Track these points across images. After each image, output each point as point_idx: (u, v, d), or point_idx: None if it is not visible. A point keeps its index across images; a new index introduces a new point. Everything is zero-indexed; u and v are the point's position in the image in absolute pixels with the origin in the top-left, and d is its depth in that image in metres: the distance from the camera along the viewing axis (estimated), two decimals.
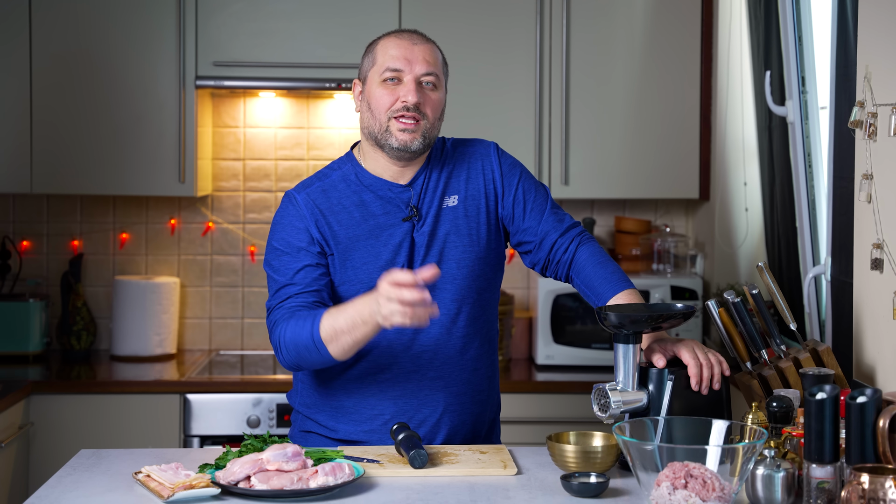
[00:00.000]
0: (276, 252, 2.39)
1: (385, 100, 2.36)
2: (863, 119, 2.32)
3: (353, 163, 2.46)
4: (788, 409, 2.16)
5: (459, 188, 2.45)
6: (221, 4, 3.79)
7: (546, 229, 2.47)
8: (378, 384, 2.41)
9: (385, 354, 2.40)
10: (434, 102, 2.38)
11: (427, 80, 2.37)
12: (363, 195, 2.41)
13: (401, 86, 2.36)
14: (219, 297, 4.14)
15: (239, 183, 4.13)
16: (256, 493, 2.01)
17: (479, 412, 2.50)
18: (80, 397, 3.56)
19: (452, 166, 2.46)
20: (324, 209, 2.39)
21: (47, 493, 2.06)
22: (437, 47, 2.44)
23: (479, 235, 2.44)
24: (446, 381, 2.43)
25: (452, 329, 2.42)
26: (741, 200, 3.72)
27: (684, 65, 3.88)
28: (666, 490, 1.86)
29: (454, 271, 2.41)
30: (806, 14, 3.17)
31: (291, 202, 2.41)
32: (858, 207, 2.40)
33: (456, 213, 2.43)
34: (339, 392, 2.43)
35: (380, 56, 2.40)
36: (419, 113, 2.35)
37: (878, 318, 2.30)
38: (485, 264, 2.45)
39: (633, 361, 2.25)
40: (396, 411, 2.41)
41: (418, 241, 2.40)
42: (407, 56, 2.36)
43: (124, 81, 3.77)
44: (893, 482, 1.78)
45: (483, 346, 2.48)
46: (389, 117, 2.36)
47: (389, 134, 2.36)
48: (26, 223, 4.08)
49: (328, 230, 2.38)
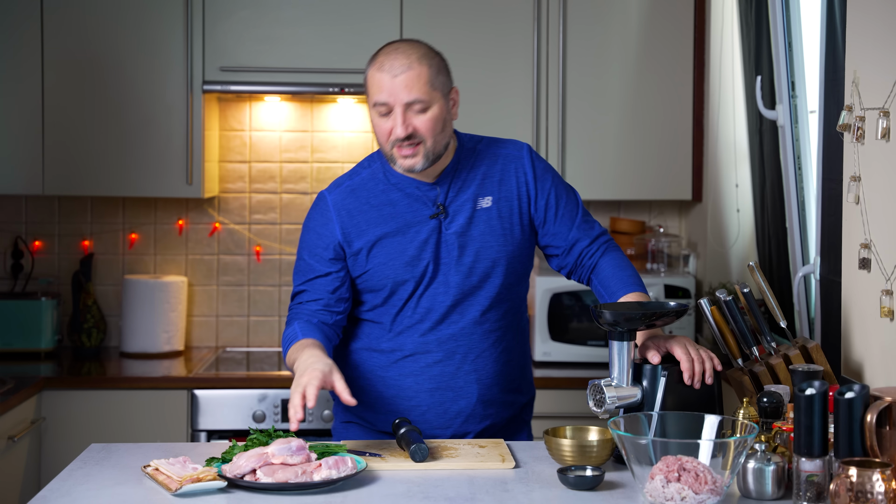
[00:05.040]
0: (301, 251, 2.51)
1: (382, 130, 2.38)
2: (851, 123, 2.32)
3: (381, 161, 2.49)
4: (779, 404, 2.16)
5: (493, 189, 2.47)
6: (228, 11, 3.80)
7: (576, 236, 2.52)
8: (414, 377, 2.46)
9: (420, 349, 2.45)
10: (428, 123, 2.36)
11: (415, 109, 2.35)
12: (391, 193, 2.46)
13: (391, 117, 2.36)
14: (225, 296, 4.17)
15: (245, 185, 4.16)
16: (262, 486, 2.02)
17: (512, 402, 2.53)
18: (90, 393, 3.57)
19: (485, 167, 2.48)
20: (351, 209, 2.45)
21: (59, 486, 2.07)
22: (426, 62, 2.36)
23: (514, 235, 2.48)
24: (480, 373, 2.47)
25: (485, 324, 2.46)
26: (733, 202, 3.72)
27: (678, 70, 3.88)
28: (660, 483, 1.88)
29: (489, 270, 2.45)
30: (795, 20, 3.16)
31: (321, 202, 2.49)
32: (847, 208, 2.40)
33: (490, 215, 2.46)
34: (378, 384, 2.48)
35: (369, 87, 2.39)
36: (414, 139, 2.36)
37: (865, 316, 2.31)
38: (517, 262, 2.49)
39: (627, 358, 2.27)
40: (432, 403, 2.46)
41: (450, 239, 2.44)
42: (389, 89, 2.33)
43: (133, 86, 3.78)
44: (881, 475, 1.79)
45: (515, 338, 2.52)
46: (391, 146, 2.38)
47: (394, 160, 2.40)
48: (38, 224, 4.09)
49: (354, 228, 2.44)
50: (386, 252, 2.44)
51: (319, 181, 4.17)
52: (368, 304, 2.49)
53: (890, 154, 2.19)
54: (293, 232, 4.19)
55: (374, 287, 2.46)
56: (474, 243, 2.45)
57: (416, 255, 2.43)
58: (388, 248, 2.44)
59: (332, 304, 2.45)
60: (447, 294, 2.44)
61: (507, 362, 2.51)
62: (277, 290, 4.19)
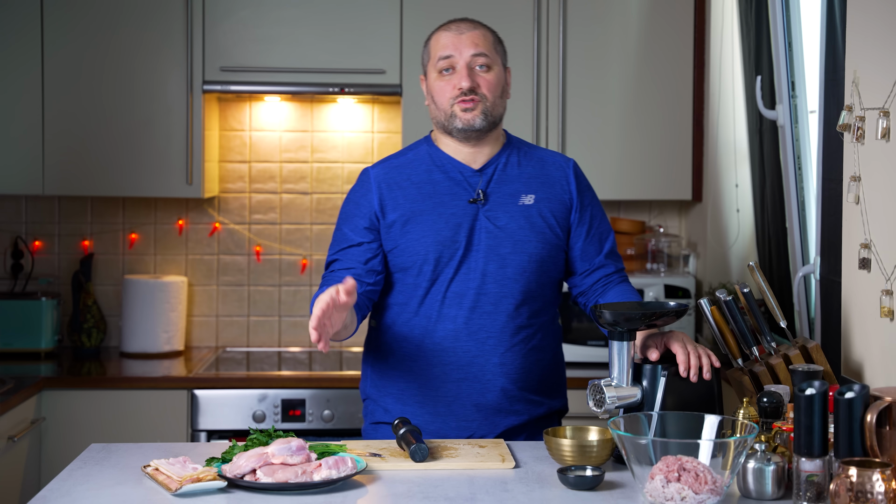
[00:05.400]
0: (339, 222, 2.54)
1: (445, 89, 2.47)
2: (851, 122, 2.32)
3: (429, 144, 2.55)
4: (779, 404, 2.17)
5: (536, 189, 2.51)
6: (228, 11, 3.80)
7: (602, 263, 2.56)
8: (442, 367, 2.47)
9: (450, 338, 2.46)
10: (489, 82, 2.47)
11: (479, 63, 2.46)
12: (433, 174, 2.50)
13: (455, 74, 2.45)
14: (225, 296, 4.17)
15: (245, 185, 4.16)
16: (262, 486, 2.02)
17: (541, 403, 2.54)
18: (90, 393, 3.57)
19: (531, 168, 2.53)
20: (391, 183, 2.50)
21: (59, 486, 2.07)
22: (490, 30, 2.52)
23: (553, 235, 2.51)
24: (507, 367, 2.48)
25: (517, 319, 2.48)
26: (733, 202, 3.73)
27: (677, 70, 3.89)
28: (660, 483, 1.88)
29: (526, 264, 2.47)
30: (795, 20, 3.16)
31: (364, 176, 2.54)
32: (846, 208, 2.40)
33: (531, 212, 2.49)
34: (407, 375, 2.49)
35: (432, 49, 2.50)
36: (476, 94, 2.45)
37: (865, 315, 2.31)
38: (552, 264, 2.51)
39: (627, 358, 2.28)
40: (459, 393, 2.47)
41: (487, 227, 2.46)
42: (455, 43, 2.46)
43: (134, 86, 3.79)
44: (881, 475, 1.80)
45: (546, 338, 2.54)
46: (451, 104, 2.45)
47: (454, 117, 2.46)
48: (38, 224, 4.09)
49: (391, 201, 2.48)
50: (420, 228, 2.46)
51: (319, 181, 4.18)
52: (400, 285, 2.50)
53: (890, 154, 2.20)
54: (293, 232, 4.19)
55: (404, 264, 2.48)
56: (512, 236, 2.48)
57: (451, 236, 2.46)
58: (422, 225, 2.46)
59: (363, 275, 2.46)
60: (479, 281, 2.46)
61: (536, 361, 2.52)
62: (277, 290, 4.19)
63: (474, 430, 2.49)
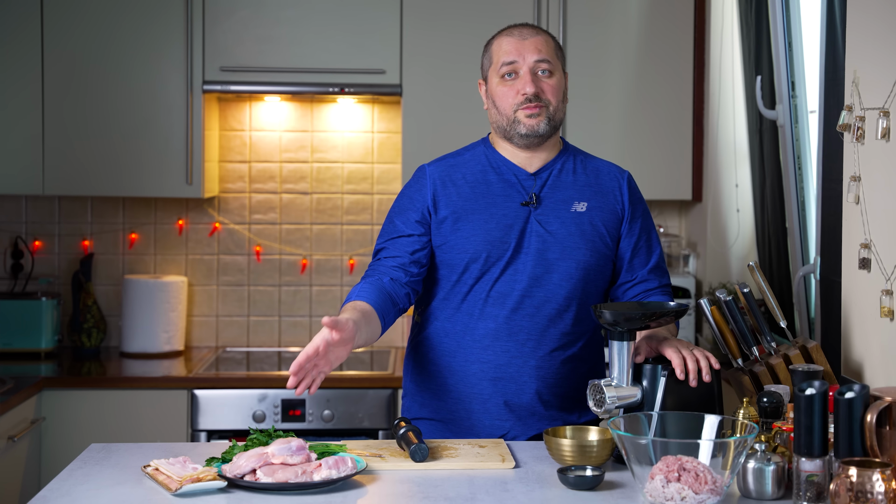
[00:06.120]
0: (392, 213, 2.55)
1: (508, 95, 2.47)
2: (851, 122, 2.33)
3: (486, 146, 2.56)
4: (779, 404, 2.17)
5: (589, 197, 2.52)
6: (228, 11, 3.81)
7: (645, 277, 2.56)
8: (480, 364, 2.48)
9: (490, 336, 2.47)
10: (553, 87, 2.47)
11: (542, 68, 2.46)
12: (488, 175, 2.51)
13: (518, 79, 2.46)
14: (225, 296, 4.18)
15: (245, 185, 4.17)
16: (262, 486, 2.02)
17: (576, 412, 2.53)
18: (90, 393, 3.58)
19: (585, 176, 2.54)
20: (446, 180, 2.51)
21: (59, 486, 2.07)
22: (551, 36, 2.52)
23: (603, 244, 2.51)
24: (543, 371, 2.48)
25: (559, 324, 2.48)
26: (733, 202, 3.73)
27: (678, 70, 3.89)
28: (660, 483, 1.88)
29: (573, 271, 2.47)
30: (795, 20, 3.17)
31: (420, 172, 2.56)
32: (846, 208, 2.40)
33: (582, 220, 2.49)
34: (444, 370, 2.50)
35: (495, 54, 2.50)
36: (541, 101, 2.45)
37: (865, 315, 2.31)
38: (598, 273, 2.51)
39: (627, 358, 2.28)
40: (494, 392, 2.48)
41: (538, 231, 2.47)
42: (518, 49, 2.46)
43: (134, 86, 3.79)
44: (881, 475, 1.80)
45: (586, 347, 2.53)
46: (515, 110, 2.46)
47: (518, 122, 2.46)
48: (38, 224, 4.10)
49: (445, 197, 2.49)
50: (470, 226, 2.47)
51: (319, 181, 4.18)
52: (444, 281, 2.51)
53: (890, 154, 2.20)
54: (293, 232, 4.19)
55: (452, 261, 2.48)
56: (562, 242, 2.48)
57: (501, 236, 2.47)
58: (473, 223, 2.47)
59: (407, 265, 2.47)
60: (525, 283, 2.46)
61: (573, 369, 2.51)
62: (277, 290, 4.20)
63: (508, 430, 2.50)
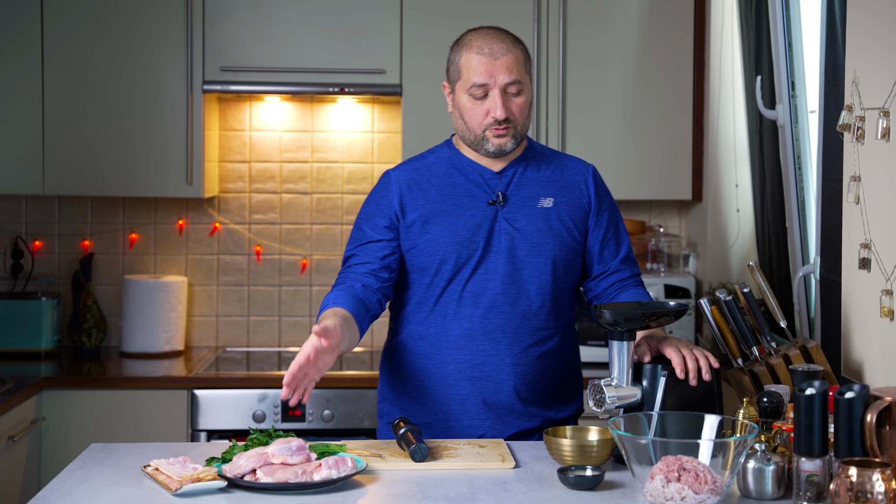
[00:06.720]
0: (360, 220, 2.55)
1: (476, 115, 2.45)
2: (851, 122, 2.33)
3: (450, 148, 2.57)
4: (779, 404, 2.17)
5: (555, 192, 2.53)
6: (228, 11, 3.81)
7: (617, 268, 2.57)
8: (457, 364, 2.48)
9: (465, 336, 2.48)
10: (520, 106, 2.46)
11: (512, 90, 2.44)
12: (454, 176, 2.52)
13: (488, 100, 2.44)
14: (225, 296, 4.18)
15: (245, 185, 4.17)
16: (262, 486, 2.02)
17: (555, 407, 2.54)
18: (90, 393, 3.57)
19: (550, 171, 2.55)
20: (412, 184, 2.52)
21: (59, 486, 2.08)
22: (519, 45, 2.48)
23: (571, 238, 2.52)
24: (521, 368, 2.49)
25: (534, 320, 2.49)
26: (733, 201, 3.73)
27: (678, 70, 3.89)
28: (660, 483, 1.89)
29: (543, 266, 2.49)
30: (795, 20, 3.17)
31: (385, 178, 2.56)
32: (846, 208, 2.41)
33: (550, 215, 2.51)
34: (421, 372, 2.51)
35: (464, 70, 2.46)
36: (509, 122, 2.44)
37: (865, 315, 2.32)
38: (569, 267, 2.53)
39: (627, 358, 2.29)
40: (472, 392, 2.48)
41: (506, 229, 2.48)
42: (490, 70, 2.42)
43: (134, 86, 3.79)
44: (881, 475, 1.80)
45: (562, 343, 2.55)
46: (484, 129, 2.45)
47: (486, 140, 2.47)
48: (38, 224, 4.10)
49: (411, 202, 2.49)
50: (438, 229, 2.48)
51: (319, 181, 4.18)
52: (416, 285, 2.52)
53: (890, 154, 2.20)
54: (293, 232, 4.19)
55: (422, 264, 2.49)
56: (531, 238, 2.49)
57: (469, 237, 2.47)
58: (441, 226, 2.48)
59: (378, 270, 2.48)
60: (497, 282, 2.47)
61: (550, 364, 2.53)
62: (277, 290, 4.20)
63: (486, 430, 2.50)
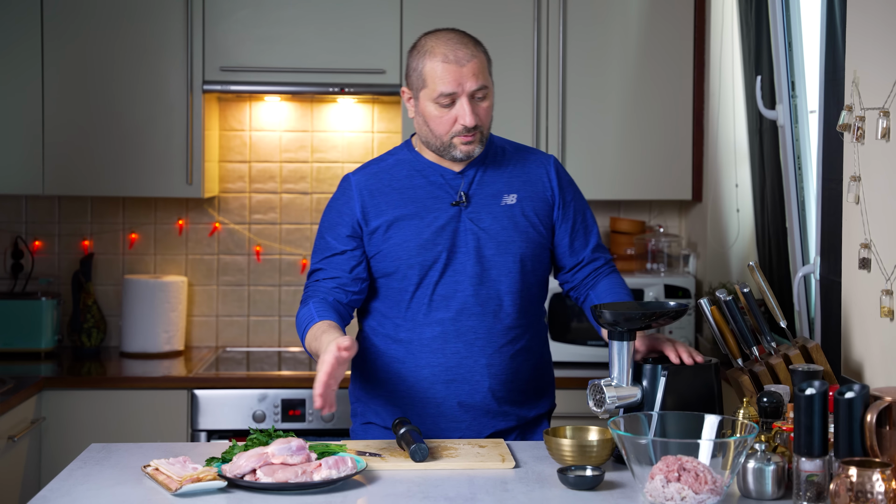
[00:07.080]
0: (322, 230, 2.53)
1: (443, 123, 2.43)
2: (851, 122, 2.33)
3: (409, 149, 2.54)
4: (779, 404, 2.17)
5: (518, 188, 2.51)
6: (228, 11, 3.81)
7: (590, 257, 2.58)
8: (430, 368, 2.47)
9: (438, 339, 2.46)
10: (486, 110, 2.44)
11: (479, 95, 2.43)
12: (414, 179, 2.49)
13: (456, 107, 2.41)
14: (225, 296, 4.18)
15: (245, 185, 4.17)
16: (262, 486, 2.03)
17: (531, 405, 2.55)
18: (90, 393, 3.57)
19: (512, 167, 2.53)
20: (373, 189, 2.49)
21: (59, 486, 2.08)
22: (481, 48, 2.46)
23: (537, 233, 2.51)
24: (495, 368, 2.48)
25: (506, 319, 2.48)
26: (733, 201, 3.73)
27: (678, 70, 3.89)
28: (660, 483, 1.89)
29: (511, 265, 2.48)
30: (795, 20, 3.17)
31: (345, 183, 2.53)
32: (846, 208, 2.41)
33: (514, 212, 2.49)
34: (394, 377, 2.49)
35: (429, 79, 2.42)
36: (477, 128, 2.43)
37: (865, 315, 2.32)
38: (537, 263, 2.52)
39: (627, 358, 2.28)
40: (447, 395, 2.47)
41: (470, 229, 2.46)
42: (457, 78, 2.40)
43: (134, 86, 3.79)
44: (881, 475, 1.81)
45: (533, 340, 2.54)
46: (451, 136, 2.43)
47: (453, 147, 2.44)
48: (38, 224, 4.10)
49: (374, 208, 2.47)
50: (402, 233, 2.46)
51: (319, 181, 4.18)
52: (385, 289, 2.51)
53: (890, 154, 2.20)
54: (293, 232, 4.20)
55: (387, 269, 2.48)
56: (496, 237, 2.48)
57: (432, 239, 2.46)
58: (405, 230, 2.46)
59: (347, 284, 2.47)
60: (466, 283, 2.46)
61: (524, 361, 2.53)
62: (277, 290, 4.20)
63: (463, 432, 2.50)
